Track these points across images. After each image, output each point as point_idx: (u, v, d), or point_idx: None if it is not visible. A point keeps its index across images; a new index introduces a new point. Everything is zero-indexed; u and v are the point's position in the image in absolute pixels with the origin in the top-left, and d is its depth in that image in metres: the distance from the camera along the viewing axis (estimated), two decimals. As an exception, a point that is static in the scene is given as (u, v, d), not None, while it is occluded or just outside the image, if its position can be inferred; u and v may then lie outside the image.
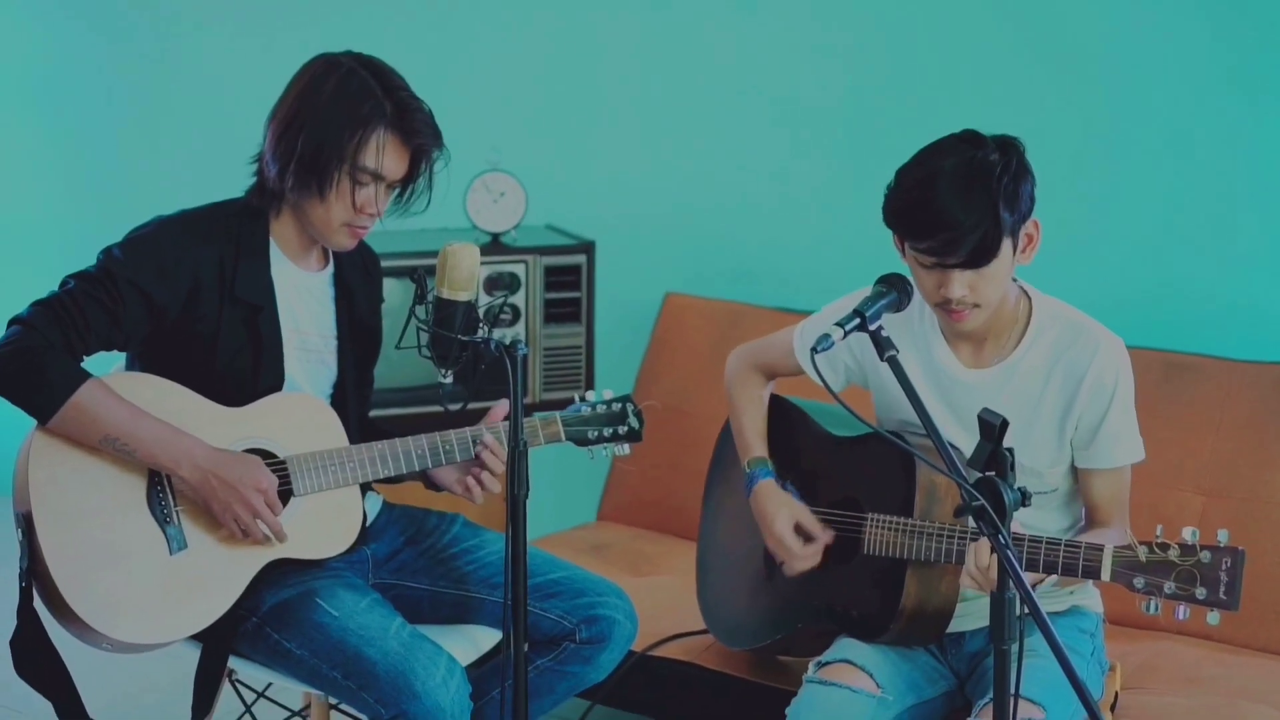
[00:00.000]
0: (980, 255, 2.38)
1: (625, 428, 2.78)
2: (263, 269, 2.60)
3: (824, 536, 2.69)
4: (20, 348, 2.40)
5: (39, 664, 2.52)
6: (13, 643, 2.51)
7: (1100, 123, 3.65)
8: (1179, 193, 3.58)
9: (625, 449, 2.80)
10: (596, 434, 2.76)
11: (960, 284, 2.42)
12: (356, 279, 2.74)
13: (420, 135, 2.55)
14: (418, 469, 2.66)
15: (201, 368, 2.56)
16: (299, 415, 2.61)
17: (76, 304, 2.45)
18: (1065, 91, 3.67)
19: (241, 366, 2.58)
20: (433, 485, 2.76)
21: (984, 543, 2.31)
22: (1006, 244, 2.40)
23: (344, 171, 2.52)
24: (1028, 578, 2.32)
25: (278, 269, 2.62)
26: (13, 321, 2.45)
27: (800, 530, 2.70)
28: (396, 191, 2.61)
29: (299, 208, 2.58)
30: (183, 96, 4.88)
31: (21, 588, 2.46)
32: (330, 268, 2.71)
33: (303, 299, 2.66)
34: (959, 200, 2.36)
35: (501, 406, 2.65)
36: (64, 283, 2.50)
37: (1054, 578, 2.36)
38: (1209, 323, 3.53)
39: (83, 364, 2.47)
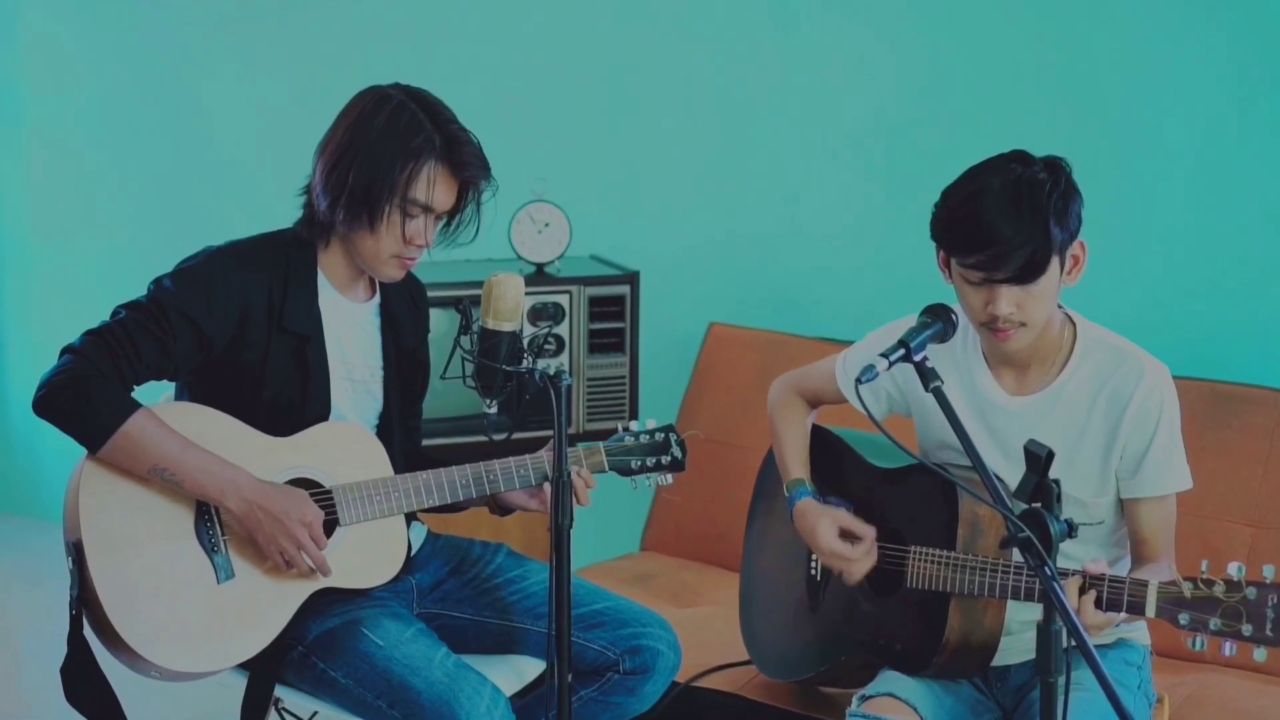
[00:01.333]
0: (1029, 271, 2.38)
1: (668, 457, 2.78)
2: (311, 299, 2.62)
3: (869, 533, 2.65)
4: (72, 377, 2.43)
5: (89, 692, 2.54)
6: (63, 670, 2.53)
7: (1144, 147, 3.64)
8: (1226, 220, 3.56)
9: (668, 479, 2.80)
10: (640, 464, 2.77)
11: (1008, 301, 2.41)
12: (403, 310, 2.76)
13: (470, 168, 2.58)
14: (461, 498, 2.67)
15: (249, 397, 2.58)
16: (345, 445, 2.63)
17: (128, 334, 2.47)
18: (1109, 115, 3.66)
19: (289, 396, 2.60)
20: (500, 509, 2.76)
21: (1073, 581, 2.29)
22: (1054, 262, 2.40)
23: (395, 204, 2.54)
24: (1116, 618, 2.30)
25: (325, 300, 2.65)
26: (65, 350, 2.48)
27: (846, 534, 2.68)
28: (444, 222, 2.63)
29: (349, 240, 2.61)
30: (231, 128, 4.93)
31: (72, 615, 2.49)
32: (377, 298, 2.73)
33: (350, 330, 2.68)
34: (1009, 214, 2.36)
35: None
36: (115, 313, 2.53)
37: (1123, 615, 2.33)
38: (1257, 352, 3.51)
39: (133, 393, 2.50)
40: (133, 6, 5.02)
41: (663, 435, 2.79)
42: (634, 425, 2.80)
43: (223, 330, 2.54)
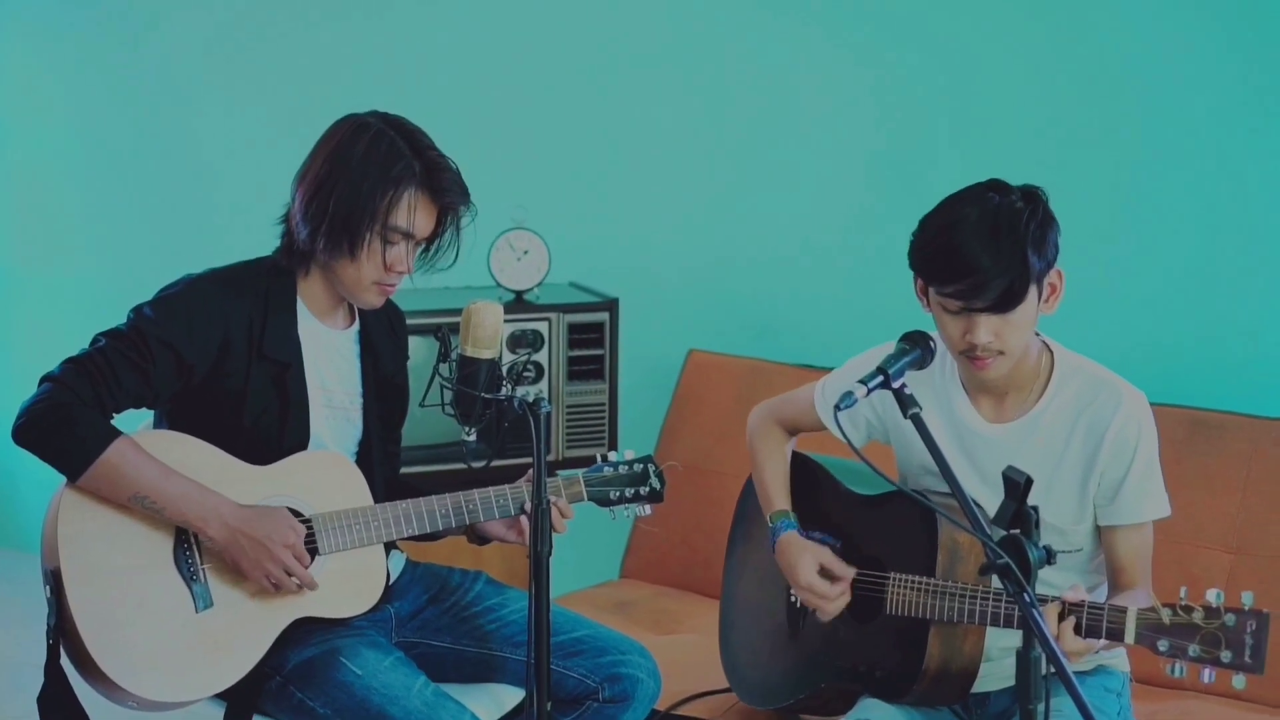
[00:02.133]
0: (1007, 300, 2.38)
1: (647, 488, 2.78)
2: (290, 326, 2.62)
3: (848, 574, 2.66)
4: (52, 404, 2.42)
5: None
6: (40, 700, 2.52)
7: (1124, 177, 3.66)
8: (1204, 249, 3.58)
9: (647, 509, 2.80)
10: (618, 494, 2.77)
11: (986, 330, 2.42)
12: (382, 337, 2.76)
13: (449, 194, 2.58)
14: (441, 528, 2.67)
15: (228, 424, 2.57)
16: (324, 473, 2.62)
17: (108, 361, 2.47)
18: (1090, 147, 3.68)
19: (268, 424, 2.59)
20: (478, 539, 2.76)
21: (1052, 608, 2.29)
22: (1032, 291, 2.40)
23: (375, 232, 2.54)
24: (1101, 644, 2.30)
25: (305, 327, 2.64)
26: (45, 379, 2.47)
27: (824, 572, 2.69)
28: (423, 248, 2.64)
29: (329, 268, 2.60)
30: (208, 156, 4.92)
31: (49, 645, 2.47)
32: (356, 325, 2.73)
33: (329, 357, 2.68)
34: (987, 244, 2.37)
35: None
36: (95, 340, 2.52)
37: (1102, 641, 2.34)
38: (1235, 380, 3.52)
39: (113, 421, 2.49)
40: (110, 34, 5.02)
41: (641, 466, 2.79)
42: (613, 455, 2.81)
43: (203, 358, 2.54)
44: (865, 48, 3.96)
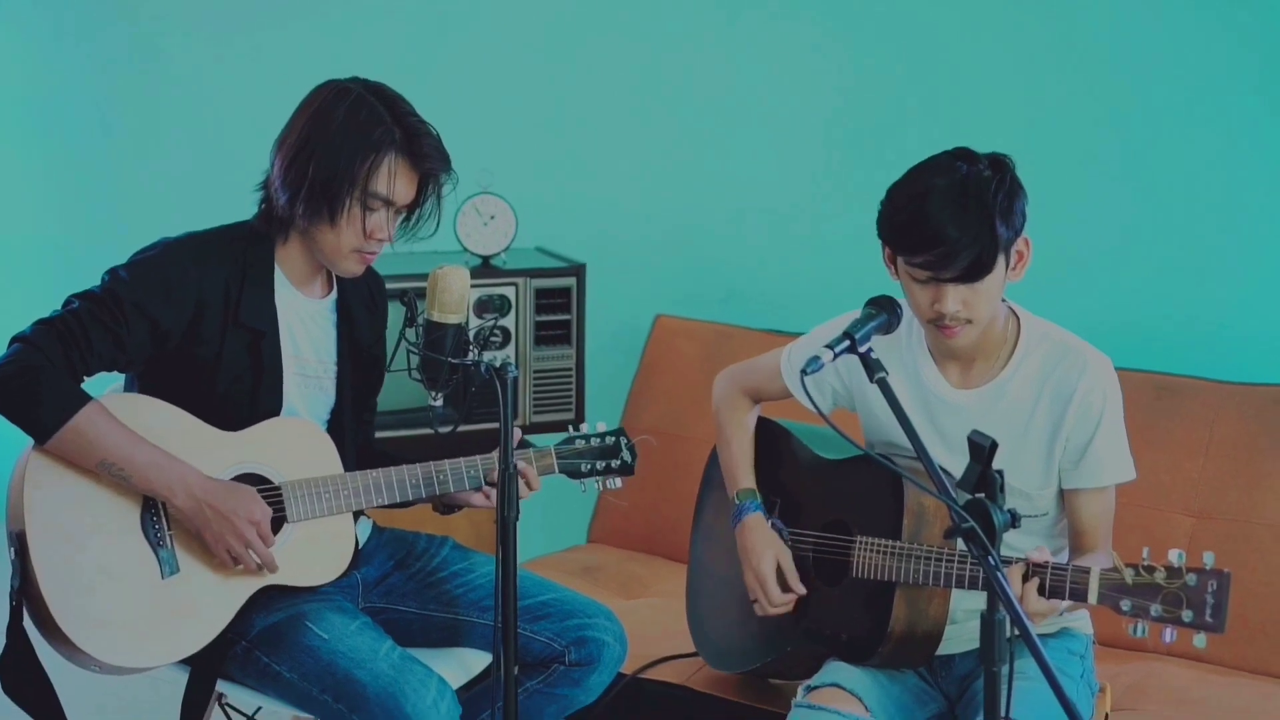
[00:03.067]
0: (976, 270, 2.39)
1: (618, 461, 2.79)
2: (267, 295, 2.60)
3: (798, 589, 2.70)
4: (22, 366, 2.40)
5: (26, 684, 2.51)
6: (0, 662, 2.50)
7: (1091, 145, 3.67)
8: (1168, 215, 3.60)
9: (617, 483, 2.80)
10: (589, 467, 2.77)
11: (954, 299, 2.42)
12: (360, 306, 2.74)
13: (430, 159, 2.56)
14: (411, 498, 2.66)
15: (201, 390, 2.56)
16: (295, 441, 2.61)
17: (81, 324, 2.44)
18: (1056, 114, 3.69)
19: (241, 391, 2.58)
20: (444, 508, 2.75)
21: (1016, 569, 2.31)
22: (1000, 260, 2.41)
23: (355, 198, 2.52)
24: (1065, 605, 2.32)
25: (281, 295, 2.62)
26: (15, 339, 2.44)
27: (779, 576, 2.71)
28: (404, 217, 2.62)
29: (308, 234, 2.58)
30: (174, 116, 4.88)
31: (12, 606, 2.46)
32: (334, 295, 2.71)
33: (305, 325, 2.66)
34: (955, 215, 2.37)
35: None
36: (68, 302, 2.49)
37: (1066, 603, 2.36)
38: (1197, 344, 3.54)
39: (83, 385, 2.47)
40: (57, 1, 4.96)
41: (614, 439, 2.79)
42: (585, 427, 2.80)
43: (178, 323, 2.52)
44: (833, 13, 3.95)
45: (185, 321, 2.52)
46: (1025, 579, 2.31)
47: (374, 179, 2.52)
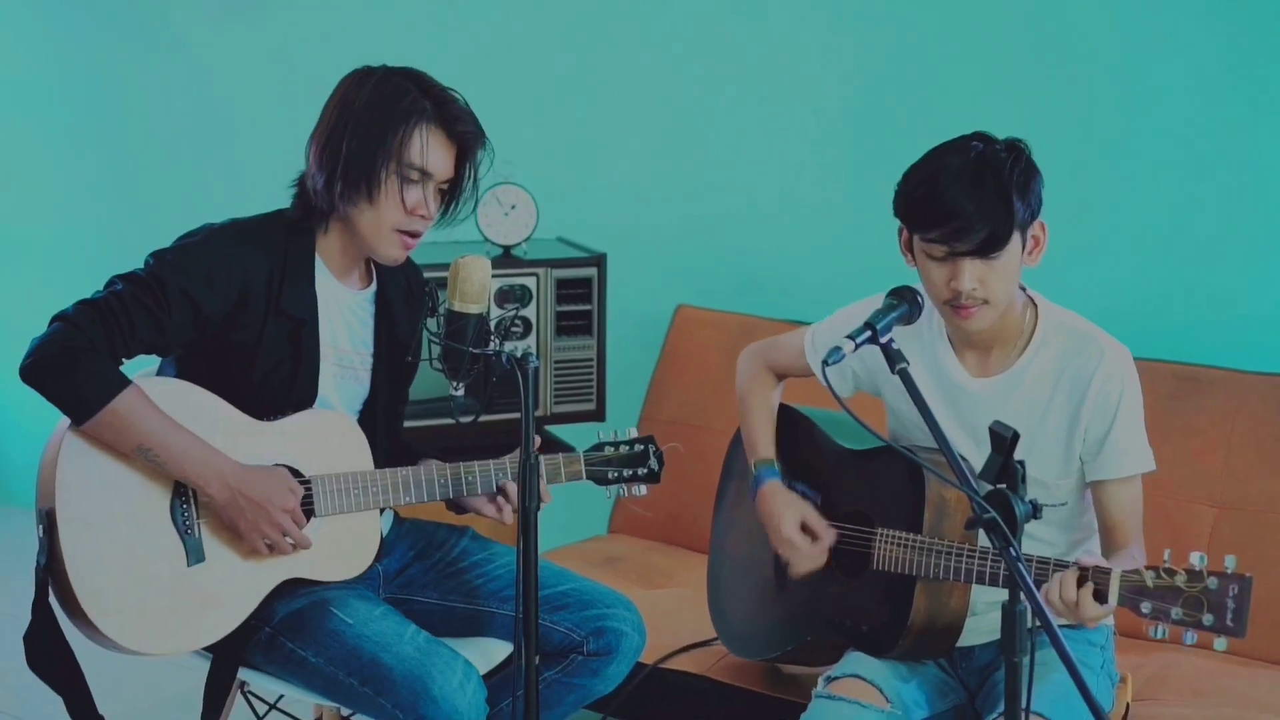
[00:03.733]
0: (992, 243, 2.39)
1: (645, 469, 2.79)
2: (308, 284, 2.60)
3: (828, 536, 2.69)
4: (63, 346, 2.40)
5: (51, 660, 2.52)
6: (26, 637, 2.52)
7: (1108, 131, 3.65)
8: (1187, 202, 3.58)
9: (641, 489, 2.81)
10: (616, 474, 2.78)
11: (971, 276, 2.42)
12: (399, 299, 2.74)
13: (461, 122, 2.56)
14: (439, 498, 2.67)
15: (237, 376, 2.56)
16: (328, 435, 2.62)
17: (124, 306, 2.44)
18: (1073, 100, 3.67)
19: (278, 378, 2.58)
20: (456, 508, 2.76)
21: (1070, 575, 2.30)
22: (1016, 238, 2.41)
23: (391, 169, 2.52)
24: (1110, 608, 2.29)
25: (322, 285, 2.63)
26: (56, 318, 2.44)
27: (806, 529, 2.70)
28: (442, 198, 2.62)
29: (349, 219, 2.58)
30: (192, 113, 4.90)
31: (38, 582, 2.47)
32: (373, 287, 2.72)
33: (344, 316, 2.67)
34: (971, 187, 2.38)
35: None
36: (110, 283, 2.49)
37: (1113, 605, 2.33)
38: (1219, 334, 3.53)
39: (122, 367, 2.47)
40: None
41: (642, 447, 2.79)
42: (616, 434, 2.80)
43: (220, 310, 2.52)
44: (850, 3, 3.94)
45: (228, 308, 2.53)
46: (1080, 583, 2.30)
47: (408, 149, 2.52)
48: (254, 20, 4.73)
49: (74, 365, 2.39)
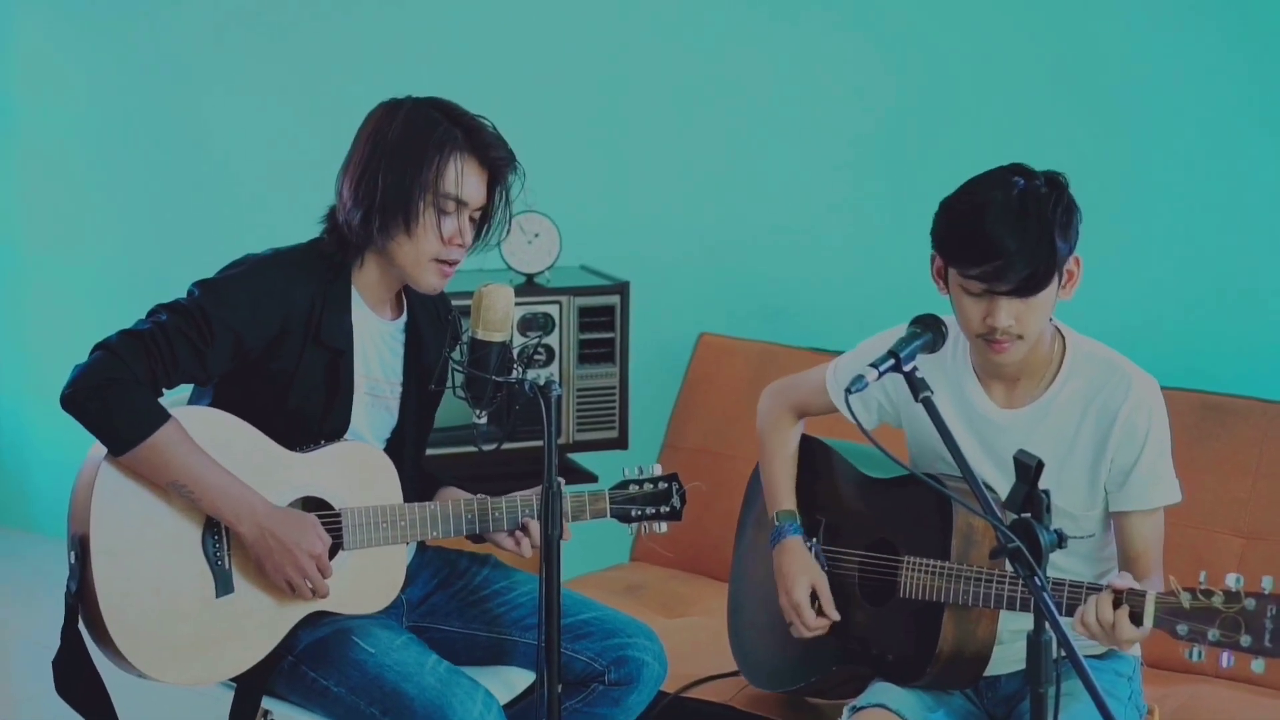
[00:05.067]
0: (1032, 284, 2.38)
1: (667, 508, 2.79)
2: (345, 314, 2.61)
3: (832, 615, 2.70)
4: (106, 379, 2.40)
5: (80, 685, 2.53)
6: (55, 663, 2.52)
7: (1134, 161, 3.65)
8: (1213, 231, 3.57)
9: (662, 527, 2.80)
10: (639, 512, 2.77)
11: (1007, 313, 2.41)
12: (428, 328, 2.74)
13: (493, 149, 2.58)
14: (465, 533, 2.67)
15: (271, 404, 2.57)
16: (359, 467, 2.62)
17: (167, 339, 2.44)
18: (1101, 126, 3.67)
19: (312, 407, 2.59)
20: (474, 537, 2.76)
21: (1106, 597, 2.29)
22: (1055, 275, 2.40)
23: (428, 201, 2.53)
24: (1146, 631, 2.28)
25: (357, 315, 2.63)
26: (99, 347, 2.44)
27: (814, 600, 2.71)
28: (476, 224, 2.63)
29: (386, 252, 2.58)
30: (223, 141, 4.92)
31: (67, 608, 2.47)
32: (404, 317, 2.72)
33: (376, 346, 2.67)
34: (1014, 227, 2.36)
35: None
36: (154, 313, 2.49)
37: (1149, 628, 2.31)
38: (1245, 363, 3.51)
39: (162, 398, 2.48)
40: (126, 17, 5.02)
41: (666, 485, 2.79)
42: (641, 470, 2.80)
43: (261, 340, 2.53)
44: (882, 27, 3.95)
45: (269, 339, 2.53)
46: (1116, 606, 2.28)
47: (443, 180, 2.53)
48: (290, 51, 4.75)
49: (115, 397, 2.40)
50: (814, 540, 2.79)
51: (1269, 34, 3.48)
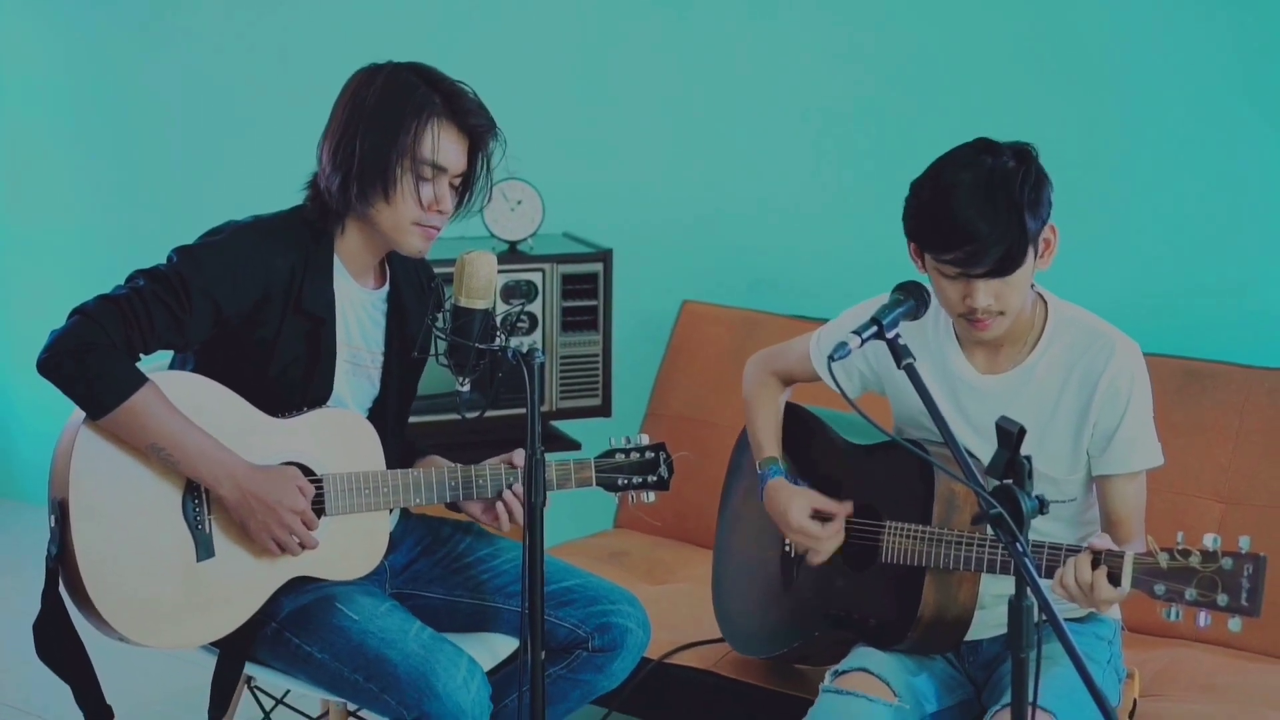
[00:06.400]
0: (1006, 264, 2.38)
1: (654, 477, 2.79)
2: (327, 282, 2.60)
3: (842, 509, 2.68)
4: (82, 343, 2.39)
5: (60, 650, 2.53)
6: (36, 627, 2.52)
7: (1114, 129, 3.65)
8: (1194, 198, 3.58)
9: (650, 496, 2.80)
10: (626, 481, 2.77)
11: (985, 294, 2.42)
12: (411, 297, 2.74)
13: (473, 116, 2.56)
14: (449, 500, 2.67)
15: (253, 372, 2.56)
16: (342, 433, 2.62)
17: (144, 304, 2.43)
18: (1082, 97, 3.67)
19: (293, 375, 2.59)
20: (453, 506, 2.77)
21: (1085, 557, 2.30)
22: (1030, 251, 2.40)
23: (405, 167, 2.52)
24: (1124, 592, 2.28)
25: (339, 283, 2.63)
26: (76, 312, 2.43)
27: (818, 514, 2.70)
28: (458, 190, 2.61)
29: (367, 217, 2.58)
30: (204, 113, 4.90)
31: (48, 570, 2.47)
32: (386, 287, 2.72)
33: (358, 315, 2.67)
34: (983, 210, 2.36)
35: (519, 455, 2.66)
36: (132, 278, 2.48)
37: (1127, 588, 2.33)
38: (1226, 329, 3.52)
39: (139, 363, 2.47)
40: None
41: (653, 454, 2.79)
42: (627, 440, 2.80)
43: (241, 308, 2.52)
44: (859, 3, 3.94)
45: (249, 307, 2.52)
46: (1094, 567, 2.30)
47: (421, 145, 2.52)
48: (264, 17, 4.73)
49: (91, 362, 2.39)
50: (798, 478, 2.79)
51: (1251, 8, 3.48)
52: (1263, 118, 3.48)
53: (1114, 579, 2.29)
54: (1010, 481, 2.09)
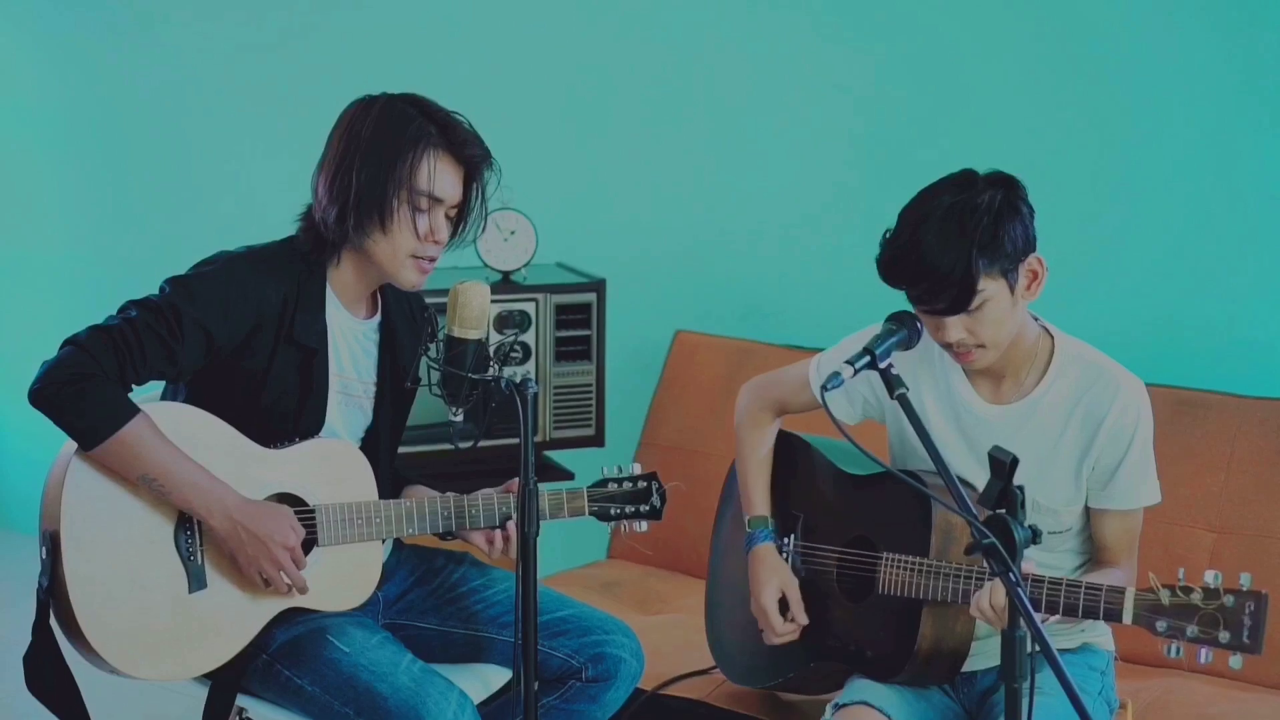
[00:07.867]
0: (960, 302, 2.39)
1: (647, 507, 2.78)
2: (319, 313, 2.60)
3: (801, 619, 2.72)
4: (74, 374, 2.39)
5: (51, 682, 2.52)
6: (26, 658, 2.51)
7: (1110, 160, 3.66)
8: (1187, 229, 3.59)
9: (642, 526, 2.80)
10: (618, 510, 2.77)
11: (955, 329, 2.42)
12: (403, 327, 2.74)
13: (469, 147, 2.57)
14: (441, 530, 2.67)
15: (245, 402, 2.56)
16: (334, 464, 2.61)
17: (136, 335, 2.43)
18: (1075, 128, 3.68)
19: (285, 405, 2.58)
20: (445, 533, 2.76)
21: (999, 583, 2.30)
22: (994, 286, 2.39)
23: (402, 198, 2.53)
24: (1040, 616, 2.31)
25: (331, 314, 2.63)
26: (68, 342, 2.43)
27: (782, 604, 2.72)
28: (453, 220, 2.62)
29: (363, 249, 2.58)
30: (189, 141, 4.91)
31: (39, 603, 2.46)
32: (378, 317, 2.72)
33: (349, 346, 2.67)
34: (936, 249, 2.37)
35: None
36: (124, 309, 2.48)
37: (1056, 616, 2.35)
38: (1218, 359, 3.53)
39: (131, 393, 2.47)
40: (92, 15, 5.00)
41: (645, 484, 2.79)
42: (620, 469, 2.80)
43: (233, 338, 2.52)
44: (852, 29, 3.96)
45: (241, 337, 2.52)
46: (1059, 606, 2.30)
47: (417, 176, 2.53)
48: (257, 40, 4.73)
49: (83, 392, 2.39)
50: (788, 540, 2.80)
51: (1244, 29, 3.50)
52: (1259, 150, 3.50)
53: (1114, 615, 2.29)
54: (1003, 511, 2.09)
